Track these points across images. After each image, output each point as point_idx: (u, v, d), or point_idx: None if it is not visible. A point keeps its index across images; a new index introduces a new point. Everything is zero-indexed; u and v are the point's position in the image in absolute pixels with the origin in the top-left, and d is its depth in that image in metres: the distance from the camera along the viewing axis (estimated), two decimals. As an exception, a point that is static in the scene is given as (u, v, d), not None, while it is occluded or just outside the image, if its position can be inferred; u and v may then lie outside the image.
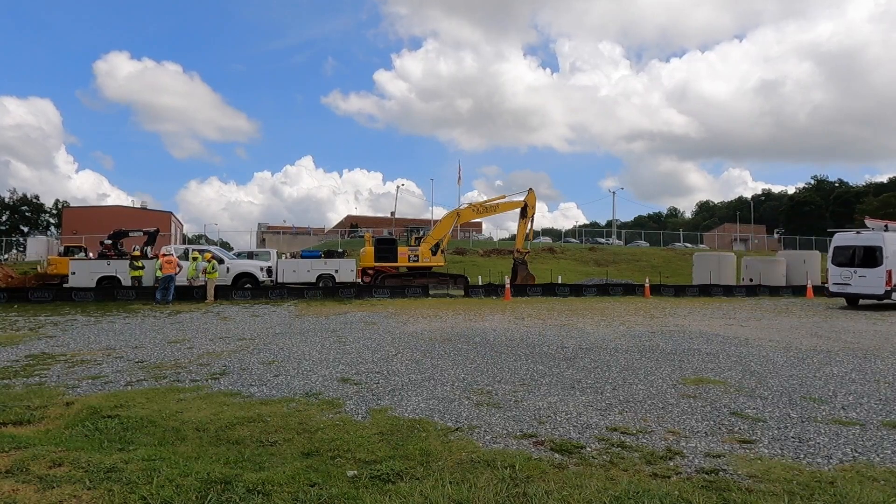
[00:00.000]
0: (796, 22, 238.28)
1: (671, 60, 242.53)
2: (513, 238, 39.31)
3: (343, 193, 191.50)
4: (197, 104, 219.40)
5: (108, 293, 20.24)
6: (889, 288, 17.47)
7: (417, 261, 24.83)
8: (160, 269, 19.57)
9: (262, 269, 23.18)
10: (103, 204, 74.44)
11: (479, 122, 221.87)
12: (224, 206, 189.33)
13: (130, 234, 26.40)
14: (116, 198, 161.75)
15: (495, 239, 60.93)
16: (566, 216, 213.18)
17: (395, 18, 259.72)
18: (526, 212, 25.77)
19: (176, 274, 19.59)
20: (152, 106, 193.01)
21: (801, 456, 4.22)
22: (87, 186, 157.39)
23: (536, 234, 40.95)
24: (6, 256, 47.25)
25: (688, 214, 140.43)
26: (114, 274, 21.80)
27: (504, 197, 27.00)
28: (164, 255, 20.58)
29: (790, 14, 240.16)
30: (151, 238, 25.55)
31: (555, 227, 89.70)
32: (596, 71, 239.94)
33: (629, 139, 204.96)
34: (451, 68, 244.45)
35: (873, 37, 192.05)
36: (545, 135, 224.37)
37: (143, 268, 21.24)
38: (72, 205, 74.52)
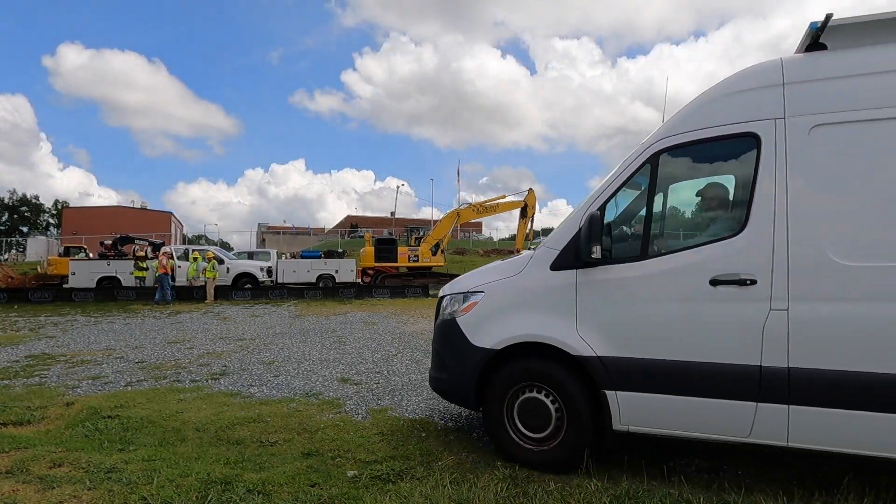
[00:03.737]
0: (785, 20, 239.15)
1: (648, 57, 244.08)
2: (512, 238, 39.29)
3: (333, 192, 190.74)
4: (166, 99, 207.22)
5: (108, 293, 20.27)
6: None
7: (417, 261, 24.86)
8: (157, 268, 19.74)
9: (262, 269, 23.18)
10: (104, 204, 74.59)
11: (456, 121, 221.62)
12: (212, 207, 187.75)
13: (137, 241, 26.51)
14: (107, 196, 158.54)
15: (495, 239, 60.95)
16: (554, 214, 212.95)
17: (368, 15, 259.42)
18: (526, 212, 25.78)
19: (167, 274, 19.46)
20: (123, 103, 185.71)
21: (802, 455, 4.21)
22: (72, 184, 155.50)
23: (536, 233, 40.92)
24: (6, 257, 47.28)
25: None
26: (114, 274, 21.84)
27: (504, 197, 27.03)
28: (161, 254, 20.79)
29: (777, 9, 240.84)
30: (156, 248, 25.63)
31: (554, 227, 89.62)
32: (573, 69, 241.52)
33: (609, 136, 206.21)
34: (425, 67, 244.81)
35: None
36: (526, 133, 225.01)
37: (147, 269, 21.41)
38: (60, 202, 74.43)
